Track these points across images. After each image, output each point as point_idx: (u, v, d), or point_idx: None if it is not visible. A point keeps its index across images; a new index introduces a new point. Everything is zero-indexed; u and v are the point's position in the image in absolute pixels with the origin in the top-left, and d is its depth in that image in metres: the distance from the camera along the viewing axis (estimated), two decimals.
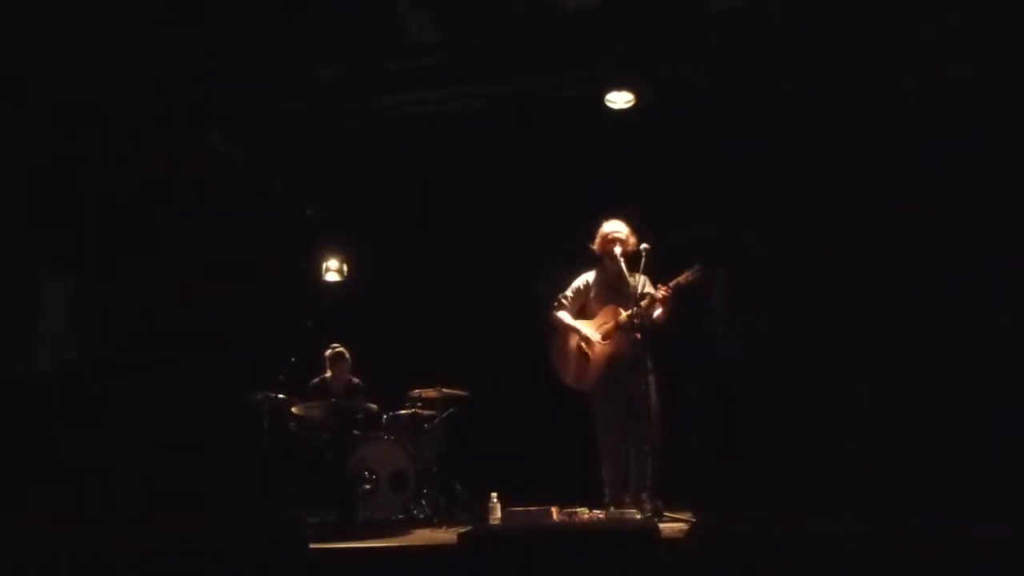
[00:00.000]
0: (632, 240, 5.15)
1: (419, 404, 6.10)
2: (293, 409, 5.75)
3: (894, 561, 3.08)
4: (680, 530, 4.20)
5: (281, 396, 5.71)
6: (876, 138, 4.84)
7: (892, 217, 4.74)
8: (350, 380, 6.33)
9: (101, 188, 5.44)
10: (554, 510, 4.77)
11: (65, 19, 4.75)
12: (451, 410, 6.14)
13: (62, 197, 5.34)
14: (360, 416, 5.94)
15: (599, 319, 5.21)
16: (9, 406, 4.83)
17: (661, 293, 4.94)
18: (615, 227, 5.19)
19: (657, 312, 4.99)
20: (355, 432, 5.82)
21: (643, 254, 5.06)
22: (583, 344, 5.18)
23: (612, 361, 5.06)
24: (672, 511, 4.70)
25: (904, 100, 4.75)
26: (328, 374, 6.26)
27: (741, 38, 4.95)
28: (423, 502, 5.66)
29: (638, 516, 4.65)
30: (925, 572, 3.06)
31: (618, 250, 5.10)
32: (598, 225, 5.29)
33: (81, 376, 5.23)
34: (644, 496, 4.83)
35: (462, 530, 3.91)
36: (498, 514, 5.08)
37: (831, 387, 4.72)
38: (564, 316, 5.29)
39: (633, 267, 5.07)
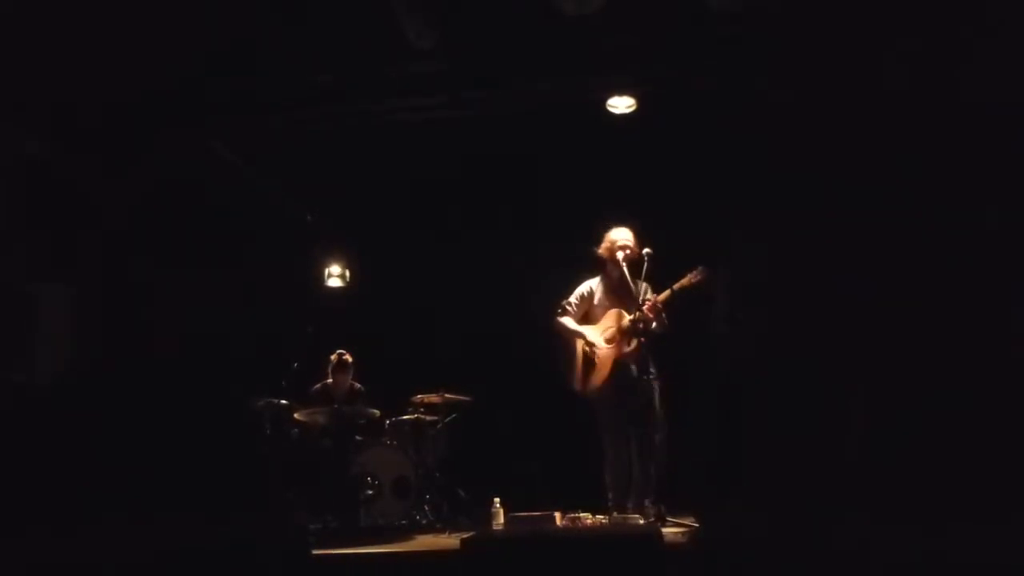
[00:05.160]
0: (636, 247, 5.16)
1: (422, 409, 6.09)
2: (295, 415, 5.74)
3: (895, 565, 3.07)
4: (683, 535, 4.19)
5: (283, 402, 5.71)
6: (877, 139, 4.83)
7: (894, 218, 4.73)
8: (352, 386, 6.32)
9: (100, 194, 5.44)
10: (557, 515, 4.76)
11: (62, 22, 4.75)
12: (454, 415, 6.13)
13: (60, 203, 5.33)
14: (362, 421, 5.94)
15: (603, 324, 5.22)
16: (9, 415, 4.82)
17: (658, 302, 4.95)
18: (623, 234, 5.20)
19: (657, 322, 5.00)
20: (357, 438, 5.82)
21: (645, 259, 5.07)
22: (587, 349, 5.18)
23: (616, 366, 5.06)
24: (675, 516, 4.69)
25: (905, 101, 4.74)
26: (330, 380, 6.26)
27: (742, 41, 4.96)
28: (426, 508, 5.65)
29: (641, 521, 4.65)
30: (926, 575, 3.06)
31: (620, 256, 5.12)
32: (605, 230, 5.29)
33: (81, 383, 5.22)
34: (647, 501, 4.83)
35: (465, 536, 3.90)
36: (501, 519, 5.07)
37: (834, 390, 4.71)
38: (568, 321, 5.30)
39: (636, 273, 5.08)
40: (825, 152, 5.01)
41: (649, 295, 5.10)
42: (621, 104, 5.53)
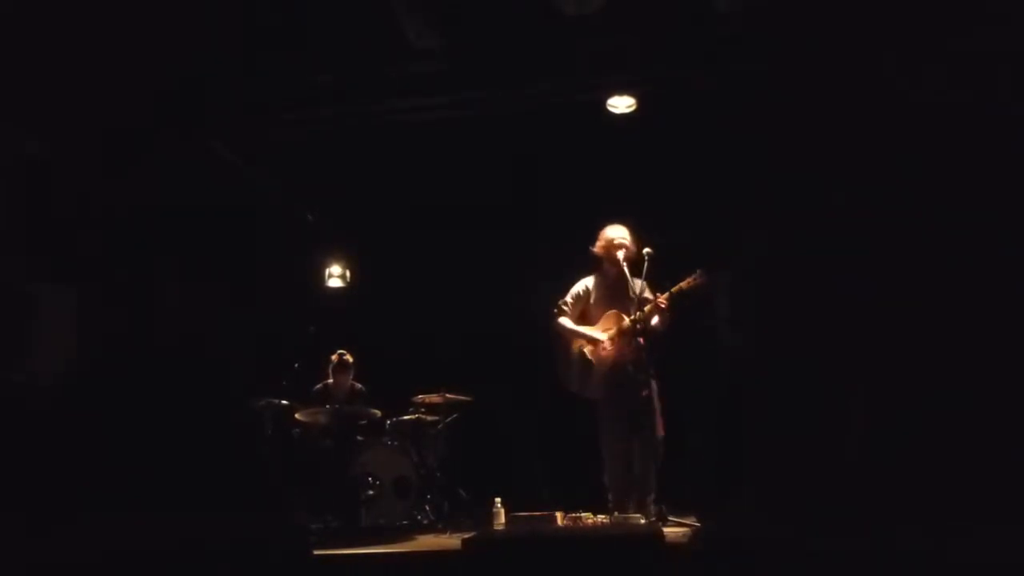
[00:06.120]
0: (634, 245, 5.15)
1: (423, 409, 6.09)
2: (296, 415, 5.75)
3: (896, 566, 3.07)
4: (685, 535, 4.19)
5: (284, 402, 5.71)
6: (877, 139, 4.84)
7: (894, 218, 4.73)
8: (353, 386, 6.33)
9: (100, 194, 5.44)
10: (558, 515, 4.77)
11: (62, 22, 4.75)
12: (455, 415, 6.13)
13: (60, 203, 5.33)
14: (363, 422, 5.94)
15: (601, 324, 5.21)
16: (9, 415, 4.82)
17: (660, 301, 4.94)
18: (619, 232, 5.18)
19: (655, 320, 4.99)
20: (358, 438, 5.82)
21: (646, 259, 5.05)
22: (586, 350, 5.18)
23: (615, 367, 5.05)
24: (676, 516, 4.69)
25: (905, 101, 4.75)
26: (330, 380, 6.26)
27: (742, 41, 4.96)
28: (427, 508, 5.65)
29: (642, 521, 4.65)
30: (926, 575, 3.06)
31: (620, 255, 5.10)
32: (600, 228, 5.28)
33: (81, 383, 5.22)
34: (648, 501, 4.83)
35: (466, 536, 3.90)
36: (502, 519, 5.07)
37: (835, 391, 4.72)
38: (565, 322, 5.29)
39: (635, 272, 5.07)
40: (825, 152, 5.01)
41: (647, 293, 5.09)
42: (621, 104, 5.54)
